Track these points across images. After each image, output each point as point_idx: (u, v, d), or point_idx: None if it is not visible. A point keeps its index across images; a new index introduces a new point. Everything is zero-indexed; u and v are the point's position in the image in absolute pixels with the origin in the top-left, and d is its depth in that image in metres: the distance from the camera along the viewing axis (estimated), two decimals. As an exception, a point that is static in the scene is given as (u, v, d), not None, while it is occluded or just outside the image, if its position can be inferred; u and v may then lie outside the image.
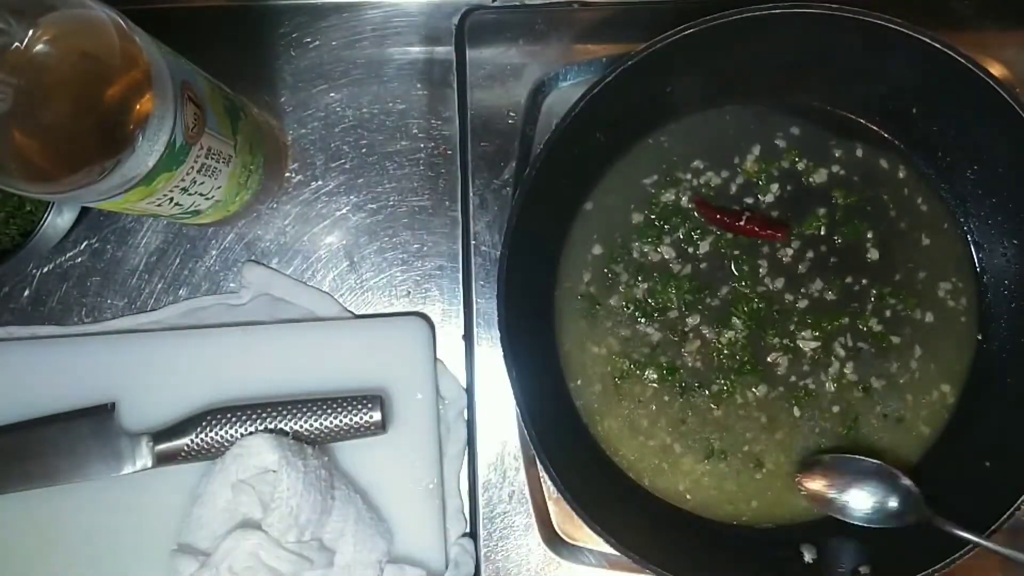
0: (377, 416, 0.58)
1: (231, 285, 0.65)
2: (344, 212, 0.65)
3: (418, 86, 0.66)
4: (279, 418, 0.58)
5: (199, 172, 0.50)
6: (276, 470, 0.55)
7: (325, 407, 0.58)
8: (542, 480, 0.63)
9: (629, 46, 0.58)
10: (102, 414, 0.60)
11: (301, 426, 0.58)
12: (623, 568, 0.60)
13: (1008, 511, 0.54)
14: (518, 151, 0.64)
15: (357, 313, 0.65)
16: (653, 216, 0.63)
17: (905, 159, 0.63)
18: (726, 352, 0.62)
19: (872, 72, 0.59)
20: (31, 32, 0.38)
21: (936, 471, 0.61)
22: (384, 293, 0.65)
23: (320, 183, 0.65)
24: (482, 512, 0.62)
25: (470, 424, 0.63)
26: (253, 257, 0.65)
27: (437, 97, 0.66)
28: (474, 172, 0.64)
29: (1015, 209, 0.59)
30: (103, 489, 0.59)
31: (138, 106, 0.42)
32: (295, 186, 0.65)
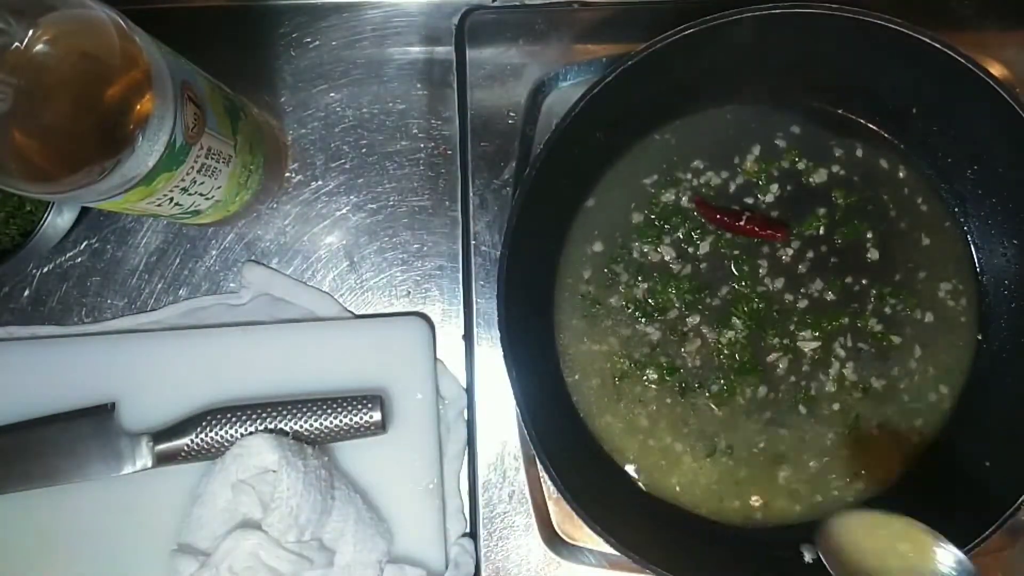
0: (377, 416, 0.58)
1: (231, 285, 0.65)
2: (344, 212, 0.65)
3: (418, 86, 0.66)
4: (279, 418, 0.58)
5: (199, 172, 0.50)
6: (276, 470, 0.55)
7: (325, 407, 0.58)
8: (542, 480, 0.63)
9: (629, 46, 0.58)
10: (102, 414, 0.60)
11: (301, 426, 0.58)
12: (623, 568, 0.60)
13: (1008, 511, 0.53)
14: (518, 151, 0.64)
15: (357, 313, 0.65)
16: (653, 216, 0.63)
17: (905, 159, 0.63)
18: (726, 352, 0.62)
19: (872, 72, 0.59)
20: (31, 32, 0.38)
21: (936, 471, 0.61)
22: (384, 293, 0.65)
23: (320, 183, 0.65)
24: (482, 512, 0.62)
25: (470, 424, 0.63)
26: (253, 257, 0.65)
27: (437, 97, 0.66)
28: (474, 172, 0.64)
29: (1015, 209, 0.59)
30: (103, 489, 0.59)
31: (138, 106, 0.42)
32: (295, 186, 0.65)
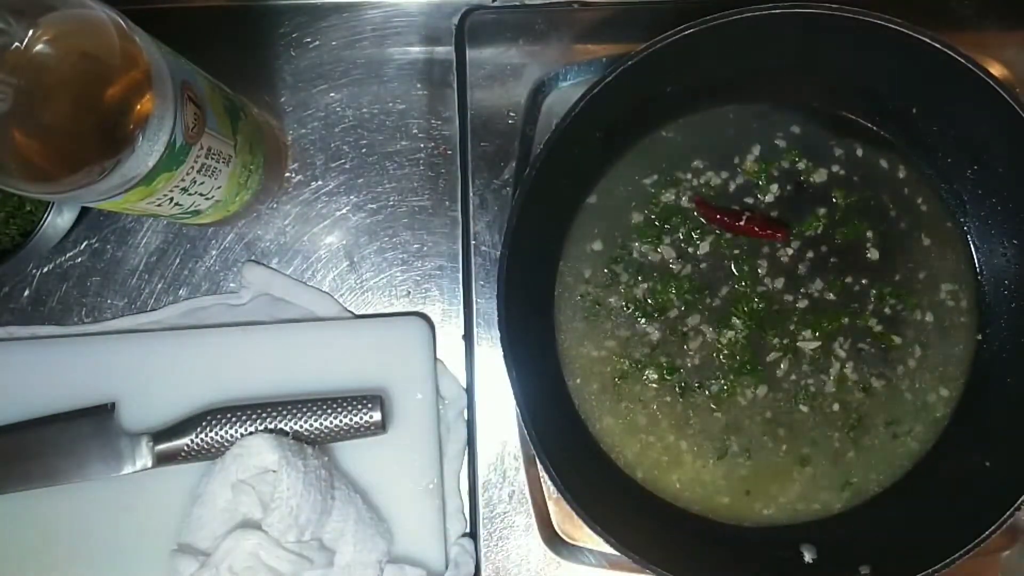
0: (377, 416, 0.58)
1: (231, 285, 0.65)
2: (344, 212, 0.65)
3: (418, 86, 0.66)
4: (279, 418, 0.58)
5: (199, 172, 0.50)
6: (276, 470, 0.55)
7: (325, 407, 0.58)
8: (542, 480, 0.63)
9: (629, 46, 0.58)
10: (102, 414, 0.60)
11: (301, 426, 0.58)
12: (623, 568, 0.60)
13: (1008, 511, 0.53)
14: (518, 151, 0.64)
15: (357, 313, 0.65)
16: (653, 216, 0.63)
17: (905, 159, 0.63)
18: (726, 352, 0.62)
19: (872, 72, 0.59)
20: (31, 32, 0.38)
21: (936, 471, 0.61)
22: (384, 293, 0.65)
23: (320, 183, 0.65)
24: (482, 512, 0.62)
25: (470, 424, 0.63)
26: (253, 257, 0.65)
27: (437, 97, 0.66)
28: (474, 172, 0.64)
29: (1015, 209, 0.59)
30: (103, 489, 0.59)
31: (138, 106, 0.42)
32: (295, 186, 0.65)
